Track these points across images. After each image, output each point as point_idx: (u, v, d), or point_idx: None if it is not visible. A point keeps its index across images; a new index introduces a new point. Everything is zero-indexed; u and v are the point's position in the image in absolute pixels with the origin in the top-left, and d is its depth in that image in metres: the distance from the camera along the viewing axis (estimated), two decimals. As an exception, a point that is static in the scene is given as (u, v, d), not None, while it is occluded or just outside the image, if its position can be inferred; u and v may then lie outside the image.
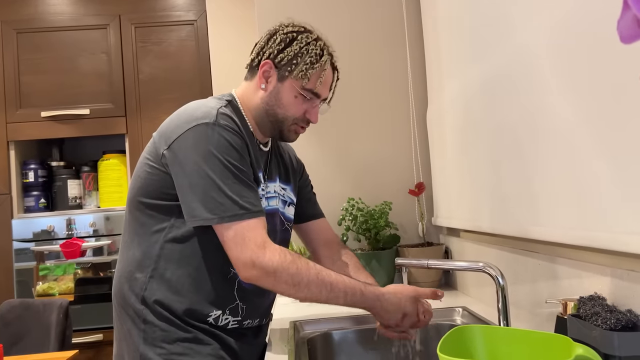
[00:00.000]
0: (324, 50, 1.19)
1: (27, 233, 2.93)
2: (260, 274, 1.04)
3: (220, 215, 1.05)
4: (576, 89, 0.96)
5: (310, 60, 1.16)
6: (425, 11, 2.06)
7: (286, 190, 1.33)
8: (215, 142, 1.07)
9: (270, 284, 1.06)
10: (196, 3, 3.11)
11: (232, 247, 1.05)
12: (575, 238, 1.01)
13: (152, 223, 1.14)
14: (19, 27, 3.03)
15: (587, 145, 0.94)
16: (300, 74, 1.16)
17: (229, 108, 1.16)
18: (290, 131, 1.23)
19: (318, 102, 1.22)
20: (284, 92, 1.18)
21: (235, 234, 1.05)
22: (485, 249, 1.58)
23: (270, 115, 1.20)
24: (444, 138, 1.88)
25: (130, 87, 3.06)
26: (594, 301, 0.91)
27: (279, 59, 1.17)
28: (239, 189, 1.07)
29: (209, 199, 1.05)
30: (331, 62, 1.22)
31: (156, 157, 1.12)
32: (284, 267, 1.05)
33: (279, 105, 1.19)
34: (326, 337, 1.49)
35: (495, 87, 1.35)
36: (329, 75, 1.22)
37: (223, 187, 1.05)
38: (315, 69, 1.16)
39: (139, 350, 1.11)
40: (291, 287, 1.06)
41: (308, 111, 1.21)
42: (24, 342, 2.30)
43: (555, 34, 1.02)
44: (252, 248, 1.04)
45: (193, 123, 1.08)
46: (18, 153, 3.06)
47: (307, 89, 1.18)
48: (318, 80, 1.18)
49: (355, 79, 2.18)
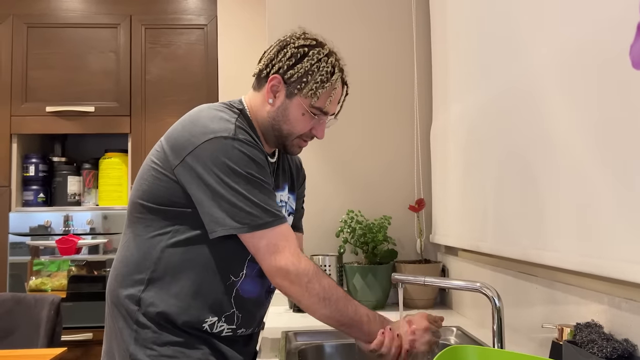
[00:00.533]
0: (335, 68, 1.16)
1: (24, 227, 2.92)
2: (294, 281, 1.06)
3: (251, 224, 1.05)
4: (584, 114, 0.96)
5: (321, 79, 1.13)
6: (435, 29, 2.07)
7: (290, 199, 1.32)
8: (237, 157, 1.06)
9: (298, 294, 1.08)
10: (207, 8, 3.13)
11: (266, 255, 1.06)
12: (575, 264, 1.00)
13: (155, 226, 1.12)
14: (30, 21, 3.05)
15: (592, 170, 0.93)
16: (309, 93, 1.14)
17: (242, 121, 1.15)
18: (294, 145, 1.21)
19: (326, 119, 1.20)
20: (291, 109, 1.16)
21: (268, 243, 1.06)
22: (483, 270, 1.57)
23: (275, 129, 1.18)
24: (447, 156, 1.87)
25: (136, 87, 3.06)
26: (590, 328, 0.90)
27: (289, 75, 1.14)
28: (264, 198, 1.07)
29: (236, 209, 1.05)
30: (341, 78, 1.20)
31: (166, 165, 1.10)
32: (318, 279, 1.07)
33: (285, 121, 1.17)
34: (317, 350, 1.47)
35: (502, 108, 1.35)
36: (339, 92, 1.20)
37: (250, 197, 1.05)
38: (326, 88, 1.14)
39: (129, 350, 1.10)
40: (321, 300, 1.07)
41: (315, 128, 1.20)
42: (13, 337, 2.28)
43: (565, 58, 1.02)
44: (287, 256, 1.06)
45: (210, 135, 1.07)
46: (20, 146, 3.05)
47: (315, 107, 1.16)
48: (328, 100, 1.16)
49: (362, 92, 2.18)
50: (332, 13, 2.20)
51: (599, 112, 0.91)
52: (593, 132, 0.93)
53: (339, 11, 2.20)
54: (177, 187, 1.09)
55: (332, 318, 1.09)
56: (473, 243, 1.59)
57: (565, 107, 1.02)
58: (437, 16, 2.04)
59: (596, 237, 0.92)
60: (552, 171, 1.08)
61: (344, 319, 1.09)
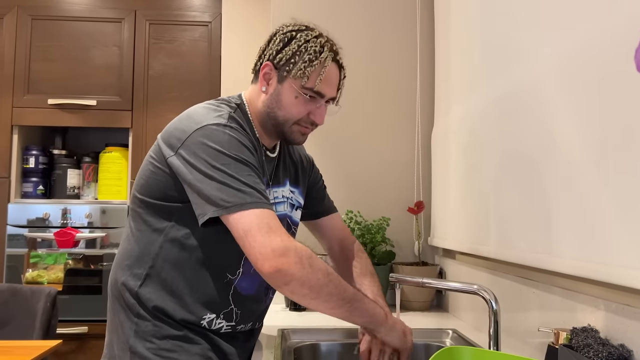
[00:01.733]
0: (324, 47, 1.13)
1: (22, 219, 2.92)
2: (294, 260, 0.97)
3: (240, 202, 0.99)
4: (586, 117, 0.96)
5: (309, 57, 1.11)
6: (438, 32, 2.08)
7: (294, 193, 1.30)
8: (226, 141, 1.04)
9: (303, 271, 0.98)
10: (212, 5, 3.13)
11: (257, 234, 0.97)
12: (572, 268, 1.00)
13: (153, 221, 1.12)
14: (34, 13, 3.05)
15: (591, 175, 0.94)
16: (298, 73, 1.11)
17: (237, 114, 1.14)
18: (293, 132, 1.17)
19: (322, 102, 1.16)
20: (284, 93, 1.14)
21: (259, 222, 0.98)
22: (480, 273, 1.58)
23: (271, 118, 1.16)
24: (447, 159, 1.88)
25: (139, 82, 3.06)
26: (586, 333, 0.90)
27: (278, 59, 1.13)
28: (255, 180, 1.03)
29: (225, 188, 1.00)
30: (335, 60, 1.15)
31: (160, 158, 1.10)
32: (316, 257, 1.02)
33: (279, 107, 1.14)
34: (313, 348, 1.47)
35: (503, 111, 1.35)
36: (332, 72, 1.15)
37: (240, 177, 1.01)
38: (314, 67, 1.11)
39: (129, 342, 1.10)
40: (325, 276, 1.00)
41: (312, 112, 1.15)
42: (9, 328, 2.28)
43: (567, 60, 1.03)
44: (282, 236, 0.98)
45: (203, 123, 1.06)
46: (21, 138, 3.05)
47: (307, 88, 1.12)
48: (318, 78, 1.11)
49: (364, 92, 2.19)
50: (336, 12, 2.20)
51: (600, 116, 0.91)
52: (594, 136, 0.93)
53: (343, 11, 2.21)
54: (171, 181, 1.08)
55: (336, 295, 1.03)
56: (471, 246, 1.59)
57: (567, 110, 1.03)
58: (440, 18, 2.04)
59: (594, 243, 0.93)
60: (551, 176, 1.09)
61: (348, 294, 1.05)
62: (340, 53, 1.18)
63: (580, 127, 0.98)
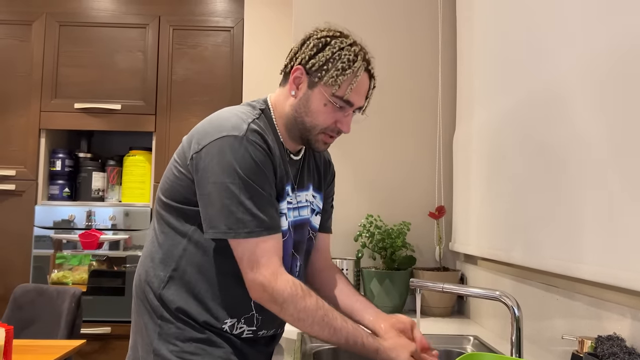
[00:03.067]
0: (358, 56, 1.11)
1: (48, 221, 2.98)
2: (269, 299, 1.06)
3: (237, 231, 1.05)
4: (611, 121, 0.94)
5: (342, 66, 1.09)
6: (461, 35, 2.06)
7: (316, 198, 1.30)
8: (240, 158, 1.05)
9: (276, 311, 1.08)
10: (235, 11, 3.17)
11: (246, 268, 1.07)
12: (597, 275, 0.98)
13: (177, 224, 1.14)
14: (62, 19, 3.13)
15: (616, 180, 0.92)
16: (330, 81, 1.09)
17: (262, 120, 1.14)
18: (318, 141, 1.16)
19: (350, 111, 1.14)
20: (313, 99, 1.12)
21: (250, 256, 1.06)
22: (502, 279, 1.56)
23: (298, 122, 1.15)
24: (469, 163, 1.86)
25: (162, 86, 3.11)
26: (612, 341, 0.88)
27: (310, 65, 1.12)
28: (257, 205, 1.06)
29: (227, 212, 1.05)
30: (367, 69, 1.14)
31: (184, 162, 1.12)
32: (293, 301, 1.05)
33: (307, 113, 1.13)
34: (332, 352, 1.47)
35: (526, 116, 1.34)
36: (363, 82, 1.14)
37: (242, 202, 1.04)
38: (347, 75, 1.10)
39: (153, 344, 1.11)
40: (296, 321, 1.07)
41: (339, 120, 1.14)
42: (35, 327, 2.33)
43: (591, 64, 1.01)
44: (265, 275, 1.05)
45: (223, 133, 1.07)
46: (48, 141, 3.13)
47: (337, 97, 1.11)
48: (349, 87, 1.10)
49: (385, 96, 2.18)
50: (357, 15, 2.21)
51: (628, 118, 0.89)
52: (619, 139, 0.91)
53: (364, 14, 2.21)
54: (192, 185, 1.10)
55: (310, 334, 1.10)
56: (493, 252, 1.57)
57: (592, 114, 1.01)
58: (463, 21, 2.03)
59: (620, 249, 0.91)
60: (576, 180, 1.07)
61: (323, 338, 1.09)
62: (373, 62, 1.17)
63: (606, 130, 0.96)
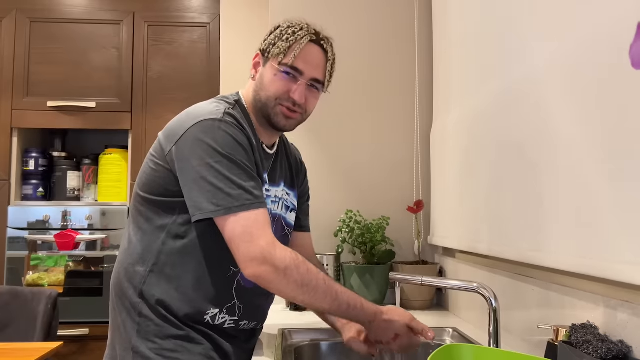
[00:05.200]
0: (303, 29, 1.17)
1: (22, 222, 2.92)
2: (271, 270, 1.02)
3: (227, 206, 1.03)
4: (584, 115, 0.97)
5: (287, 37, 1.16)
6: (437, 31, 2.08)
7: (290, 195, 1.32)
8: (220, 137, 1.07)
9: (278, 282, 1.03)
10: (210, 6, 3.14)
11: (240, 243, 1.03)
12: (572, 265, 1.01)
13: (155, 219, 1.14)
14: (33, 16, 3.05)
15: (590, 171, 0.94)
16: (276, 51, 1.15)
17: (236, 110, 1.16)
18: (278, 114, 1.17)
19: (301, 80, 1.16)
20: (265, 73, 1.18)
21: (243, 231, 1.03)
22: (480, 272, 1.58)
23: (257, 101, 1.19)
24: (446, 157, 1.88)
25: (138, 84, 3.07)
26: (586, 329, 0.90)
27: (263, 46, 1.19)
28: (246, 180, 1.06)
29: (214, 191, 1.04)
30: (316, 42, 1.18)
31: (161, 154, 1.13)
32: (296, 265, 1.03)
33: (262, 87, 1.18)
34: (314, 348, 1.47)
35: (502, 110, 1.36)
36: (309, 51, 1.17)
37: (230, 177, 1.04)
38: (290, 43, 1.15)
39: (132, 342, 1.11)
40: (299, 288, 1.04)
41: (291, 90, 1.16)
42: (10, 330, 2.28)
43: (565, 58, 1.03)
44: (262, 245, 1.02)
45: (200, 119, 1.09)
46: (21, 140, 3.05)
47: (283, 64, 1.15)
48: (292, 54, 1.15)
49: (363, 93, 2.19)
50: (335, 13, 2.21)
51: (598, 113, 0.91)
52: (590, 133, 0.93)
53: (342, 11, 2.21)
54: (171, 175, 1.11)
55: (311, 303, 1.08)
56: (471, 245, 1.60)
57: (565, 108, 1.03)
58: (439, 18, 2.05)
59: (593, 239, 0.93)
60: (550, 173, 1.09)
61: (324, 305, 1.08)
62: (327, 41, 1.21)
63: (578, 124, 0.98)
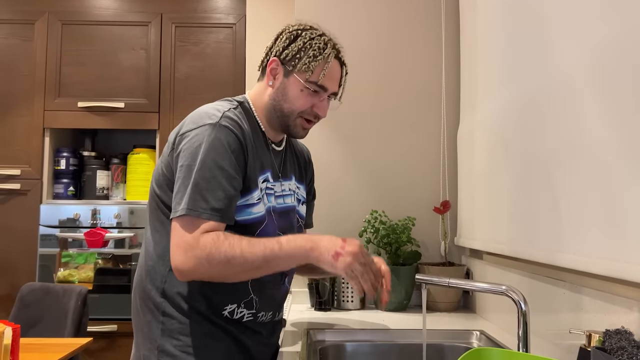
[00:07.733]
0: (327, 44, 1.20)
1: (54, 219, 2.99)
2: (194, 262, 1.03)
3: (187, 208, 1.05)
4: (615, 114, 0.94)
5: (313, 53, 1.18)
6: (464, 28, 2.05)
7: (300, 189, 1.36)
8: (210, 141, 1.09)
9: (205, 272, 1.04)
10: (236, 7, 3.16)
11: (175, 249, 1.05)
12: (603, 268, 0.98)
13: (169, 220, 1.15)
14: (64, 18, 3.13)
15: (622, 172, 0.91)
16: (303, 67, 1.18)
17: (238, 110, 1.19)
18: (297, 126, 1.23)
19: (325, 95, 1.22)
20: (289, 86, 1.20)
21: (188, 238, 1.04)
22: (508, 274, 1.55)
23: (277, 110, 1.22)
24: (474, 157, 1.85)
25: (165, 84, 3.11)
26: (620, 335, 0.88)
27: (284, 55, 1.20)
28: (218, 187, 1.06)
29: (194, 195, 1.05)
30: (337, 57, 1.23)
31: (170, 156, 1.17)
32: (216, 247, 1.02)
33: (285, 99, 1.21)
34: (338, 348, 1.47)
35: (530, 109, 1.33)
36: (334, 68, 1.22)
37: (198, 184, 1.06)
38: (318, 61, 1.18)
39: (157, 341, 1.14)
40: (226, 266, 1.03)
41: (316, 105, 1.22)
42: (41, 325, 2.34)
43: (597, 56, 1.00)
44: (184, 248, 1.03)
45: (199, 124, 1.12)
46: (52, 140, 3.13)
47: (311, 82, 1.19)
48: (322, 73, 1.19)
49: (389, 92, 2.18)
50: (360, 11, 2.19)
51: (630, 113, 0.88)
52: (624, 132, 0.90)
53: (367, 10, 2.20)
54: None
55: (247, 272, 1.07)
56: (499, 246, 1.57)
57: (597, 106, 1.00)
58: (466, 15, 2.02)
59: (626, 242, 0.90)
60: (580, 173, 1.06)
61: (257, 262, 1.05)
62: (343, 52, 1.25)
63: (610, 125, 0.95)
